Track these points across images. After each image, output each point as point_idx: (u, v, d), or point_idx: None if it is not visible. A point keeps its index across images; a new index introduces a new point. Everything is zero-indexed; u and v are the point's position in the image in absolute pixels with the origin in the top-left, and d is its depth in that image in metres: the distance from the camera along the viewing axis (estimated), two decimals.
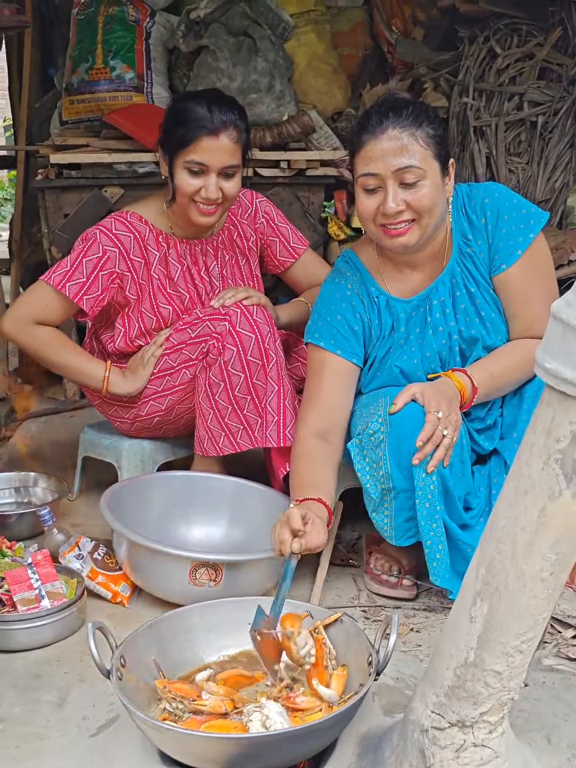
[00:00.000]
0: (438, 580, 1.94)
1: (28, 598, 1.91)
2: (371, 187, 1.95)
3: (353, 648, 1.63)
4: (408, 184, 1.91)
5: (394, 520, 1.99)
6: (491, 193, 2.06)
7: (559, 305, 1.07)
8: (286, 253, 2.59)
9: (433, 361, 2.10)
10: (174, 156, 2.27)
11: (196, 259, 2.45)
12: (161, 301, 2.40)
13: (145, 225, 2.39)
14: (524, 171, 3.64)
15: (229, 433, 2.27)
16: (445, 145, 1.98)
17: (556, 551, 1.16)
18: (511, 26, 3.71)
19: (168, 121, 2.31)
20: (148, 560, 1.99)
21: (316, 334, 2.13)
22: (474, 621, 1.26)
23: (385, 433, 1.94)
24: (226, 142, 2.24)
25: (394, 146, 1.90)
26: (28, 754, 1.56)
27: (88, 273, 2.30)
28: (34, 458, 3.04)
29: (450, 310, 2.09)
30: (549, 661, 1.84)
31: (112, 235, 2.33)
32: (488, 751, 1.34)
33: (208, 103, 2.23)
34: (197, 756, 1.44)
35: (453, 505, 1.97)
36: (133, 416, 2.45)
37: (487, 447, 2.11)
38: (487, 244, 2.05)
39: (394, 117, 1.91)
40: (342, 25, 4.05)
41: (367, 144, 1.93)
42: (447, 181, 2.00)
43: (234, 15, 3.44)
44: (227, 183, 2.28)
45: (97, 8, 3.56)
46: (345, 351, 2.11)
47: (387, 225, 1.96)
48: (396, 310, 2.12)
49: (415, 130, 1.91)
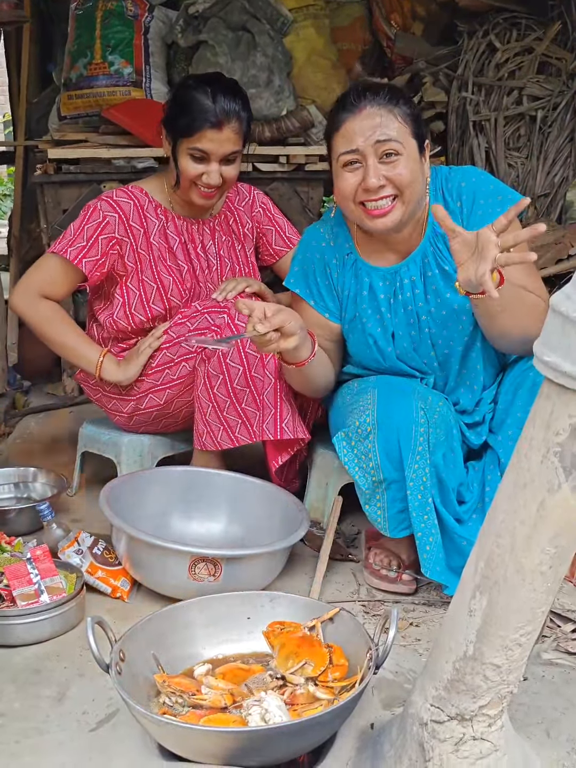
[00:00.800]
0: (428, 572, 1.95)
1: (27, 593, 1.91)
2: (351, 162, 1.95)
3: (353, 642, 1.63)
4: (388, 157, 1.93)
5: (387, 512, 1.99)
6: (468, 177, 2.07)
7: (559, 298, 1.07)
8: (282, 242, 2.62)
9: (404, 340, 2.10)
10: (178, 141, 2.31)
11: (192, 236, 2.48)
12: (162, 270, 2.42)
13: (145, 196, 2.44)
14: (523, 165, 3.63)
15: (228, 427, 2.27)
16: (420, 125, 2.01)
17: (555, 545, 1.16)
18: (510, 20, 3.71)
19: (173, 105, 2.35)
20: (147, 555, 1.99)
21: (292, 279, 2.20)
22: (473, 614, 1.26)
23: (373, 425, 1.94)
24: (229, 134, 2.28)
25: (373, 122, 1.93)
26: (27, 749, 1.56)
27: (88, 237, 2.35)
28: (33, 454, 3.04)
29: (420, 291, 2.08)
30: (548, 655, 1.84)
31: (113, 201, 2.39)
32: (487, 745, 1.34)
33: (213, 93, 2.26)
34: (197, 750, 1.44)
35: (447, 496, 1.97)
36: (131, 410, 2.45)
37: (475, 441, 2.11)
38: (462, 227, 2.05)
39: (372, 95, 1.95)
40: (341, 19, 4.04)
41: (346, 121, 1.95)
42: (424, 161, 2.01)
43: (233, 10, 3.43)
44: (228, 167, 2.33)
45: (96, 3, 3.56)
46: (318, 305, 2.16)
47: (368, 203, 1.96)
48: (363, 273, 2.13)
49: (392, 107, 1.94)
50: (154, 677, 1.59)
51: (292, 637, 1.66)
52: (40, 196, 3.45)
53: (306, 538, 2.27)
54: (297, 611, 1.75)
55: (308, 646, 1.63)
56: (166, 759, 1.50)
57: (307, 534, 2.16)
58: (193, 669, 1.67)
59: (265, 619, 1.74)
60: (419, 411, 1.95)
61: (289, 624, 1.71)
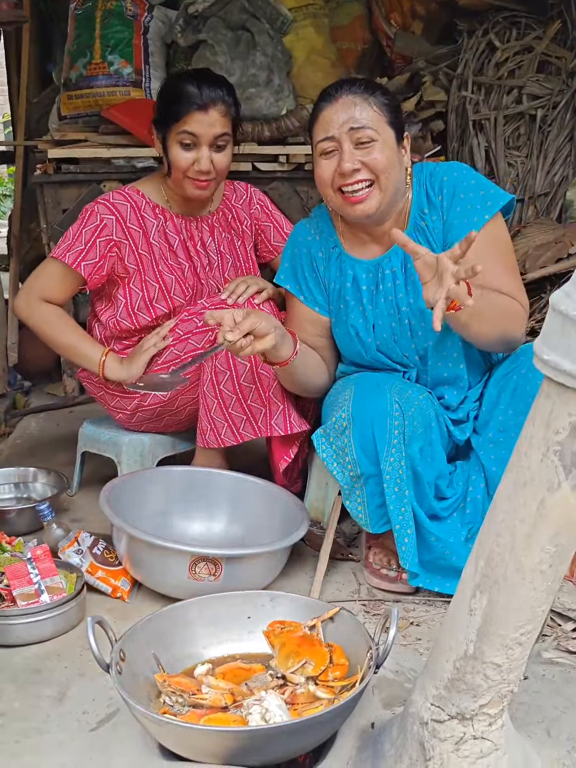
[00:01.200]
0: (407, 564, 1.96)
1: (27, 592, 1.91)
2: (328, 150, 1.99)
3: (353, 642, 1.63)
4: (362, 144, 1.96)
5: (368, 507, 2.00)
6: (450, 172, 2.08)
7: (558, 297, 1.07)
8: (280, 238, 2.62)
9: (385, 331, 2.11)
10: (167, 132, 2.34)
11: (191, 234, 2.49)
12: (163, 269, 2.43)
13: (142, 197, 2.45)
14: (523, 164, 3.63)
15: (232, 424, 2.27)
16: (398, 117, 2.03)
17: (556, 543, 1.16)
18: (510, 19, 3.70)
19: (160, 100, 2.40)
20: (147, 555, 1.99)
21: (282, 275, 2.23)
22: (473, 613, 1.26)
23: (348, 420, 1.96)
24: (216, 116, 2.32)
25: (348, 110, 1.97)
26: (27, 749, 1.56)
27: (86, 240, 2.37)
28: (33, 454, 3.04)
29: (401, 282, 2.09)
30: (549, 654, 1.84)
31: (110, 204, 2.41)
32: (488, 744, 1.34)
33: (197, 80, 2.32)
34: (197, 749, 1.44)
35: (422, 490, 1.98)
36: (134, 407, 2.45)
37: (459, 437, 2.12)
38: (441, 222, 2.06)
39: (348, 86, 2.00)
40: (341, 19, 4.03)
41: (323, 110, 2.01)
42: (403, 153, 2.03)
43: (232, 9, 3.43)
44: (218, 155, 2.35)
45: (95, 3, 3.56)
46: (308, 299, 2.19)
47: (345, 188, 1.98)
48: (347, 266, 2.14)
49: (368, 95, 1.99)
50: (155, 677, 1.59)
51: (293, 637, 1.66)
52: (40, 196, 3.45)
53: (306, 538, 2.26)
54: (297, 611, 1.75)
55: (308, 645, 1.63)
56: (167, 759, 1.50)
57: (308, 533, 2.16)
58: (194, 668, 1.67)
59: (266, 618, 1.74)
60: (393, 404, 1.95)
61: (289, 623, 1.71)
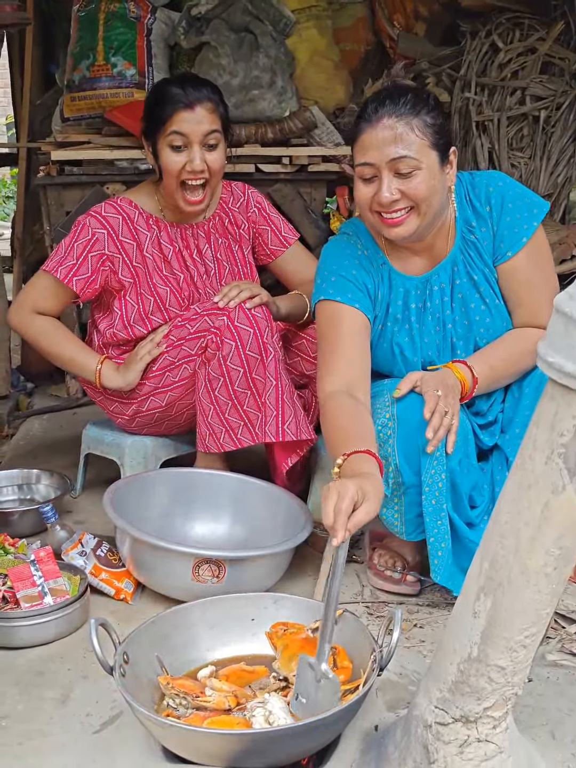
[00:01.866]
0: (438, 577, 1.93)
1: (31, 595, 1.91)
2: (368, 176, 1.93)
3: (357, 644, 1.62)
4: (403, 174, 1.89)
5: (405, 516, 1.98)
6: (495, 182, 2.05)
7: (563, 299, 1.07)
8: (278, 241, 2.60)
9: (430, 349, 2.08)
10: (156, 137, 2.32)
11: (187, 242, 2.47)
12: (158, 282, 2.42)
13: (134, 209, 2.43)
14: (527, 166, 3.62)
15: (230, 429, 2.26)
16: (444, 134, 1.94)
17: (560, 546, 1.16)
18: (513, 20, 3.69)
19: (146, 109, 2.38)
20: (150, 557, 1.99)
21: (330, 290, 2.04)
22: (477, 616, 1.26)
23: (393, 429, 1.93)
24: (203, 113, 2.30)
25: (389, 135, 1.87)
26: (30, 751, 1.56)
27: (78, 255, 2.36)
28: (36, 455, 3.04)
29: (447, 298, 2.07)
30: (553, 657, 1.84)
31: (101, 217, 2.39)
32: (492, 747, 1.33)
33: (181, 82, 2.32)
34: (200, 752, 1.44)
35: (460, 501, 1.97)
36: (133, 412, 2.45)
37: (488, 443, 2.10)
38: (491, 232, 2.04)
39: (391, 105, 1.89)
40: (343, 20, 4.03)
41: (363, 133, 1.92)
42: (448, 170, 1.96)
43: (235, 11, 3.43)
44: (211, 155, 2.32)
45: (98, 5, 3.55)
46: (362, 305, 2.03)
47: (383, 213, 1.94)
48: (397, 283, 2.09)
49: (411, 118, 1.88)
50: (158, 679, 1.59)
51: (296, 639, 1.66)
52: (43, 198, 3.45)
53: (309, 540, 2.26)
54: (301, 613, 1.75)
55: (312, 647, 1.63)
56: (170, 761, 1.50)
57: (311, 535, 2.15)
58: (197, 671, 1.66)
59: (269, 620, 1.74)
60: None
61: (292, 625, 1.71)
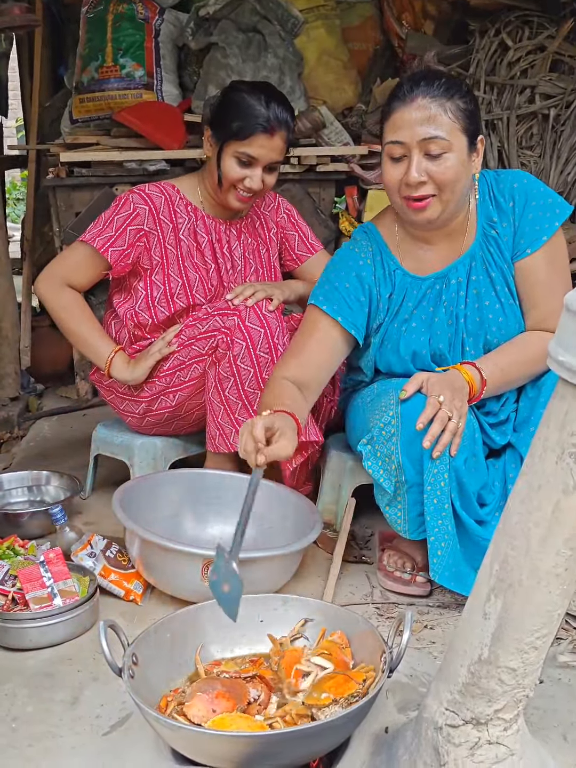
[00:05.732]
0: (437, 576, 1.93)
1: (40, 596, 1.91)
2: (397, 156, 1.94)
3: (366, 645, 1.62)
4: (433, 155, 1.90)
5: (408, 514, 1.98)
6: (520, 179, 2.06)
7: (573, 297, 1.06)
8: (304, 247, 2.62)
9: (441, 341, 2.08)
10: (225, 143, 2.31)
11: (220, 236, 2.49)
12: (189, 266, 2.43)
13: (177, 193, 2.46)
14: (536, 164, 3.61)
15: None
16: (474, 121, 1.95)
17: (571, 546, 1.15)
18: (522, 18, 3.68)
19: (223, 108, 2.34)
20: (160, 558, 1.99)
21: (321, 297, 2.11)
22: (488, 617, 1.25)
23: (396, 427, 1.93)
24: (279, 142, 2.31)
25: (422, 115, 1.89)
26: (40, 753, 1.56)
27: (117, 227, 2.37)
28: (46, 457, 3.05)
29: (463, 293, 2.07)
30: (564, 658, 1.82)
31: (145, 194, 2.41)
32: (503, 749, 1.33)
33: (266, 99, 2.29)
34: (210, 754, 1.44)
35: (468, 500, 1.96)
36: (143, 411, 2.45)
37: (499, 442, 2.09)
38: (512, 228, 2.04)
39: (425, 86, 1.90)
40: (352, 19, 4.03)
41: (396, 111, 1.93)
42: (474, 158, 1.97)
43: (243, 11, 3.43)
44: (269, 176, 2.37)
45: (107, 6, 3.56)
46: (346, 320, 2.09)
47: (410, 197, 1.95)
48: (410, 287, 2.10)
49: (445, 101, 1.89)
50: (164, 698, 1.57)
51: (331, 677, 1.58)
52: (52, 200, 3.46)
53: (319, 540, 2.26)
54: (310, 614, 1.74)
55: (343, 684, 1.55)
56: (179, 763, 1.49)
57: (320, 536, 2.15)
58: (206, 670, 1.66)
59: (278, 621, 1.74)
60: None
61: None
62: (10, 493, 2.64)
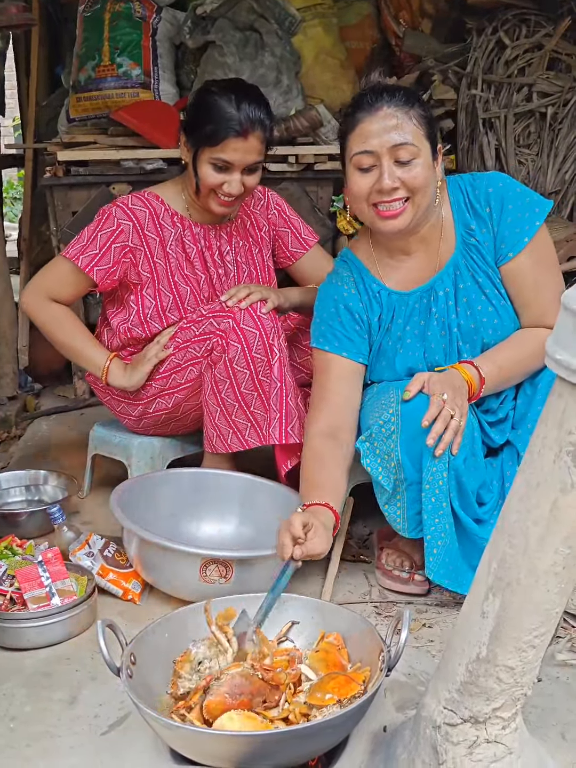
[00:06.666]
0: (432, 574, 1.94)
1: (38, 596, 1.91)
2: (366, 166, 1.95)
3: (365, 644, 1.62)
4: (402, 162, 1.92)
5: (407, 512, 1.98)
6: (495, 182, 2.05)
7: (571, 295, 1.06)
8: (298, 244, 2.60)
9: (437, 353, 2.08)
10: (199, 149, 2.27)
11: (210, 243, 2.46)
12: (179, 280, 2.40)
13: (161, 204, 2.41)
14: (534, 162, 3.61)
15: (237, 431, 2.26)
16: (434, 128, 1.99)
17: (569, 545, 1.15)
18: (519, 17, 3.67)
19: (195, 111, 2.31)
20: (158, 557, 1.98)
21: (321, 338, 2.13)
22: (486, 616, 1.25)
23: (396, 425, 1.93)
24: (254, 142, 2.26)
25: (390, 123, 1.92)
26: (39, 753, 1.56)
27: (101, 245, 2.34)
28: (44, 456, 3.04)
29: (452, 302, 2.07)
30: (563, 656, 1.82)
31: (128, 209, 2.37)
32: (501, 747, 1.33)
33: (237, 100, 2.23)
34: (208, 754, 1.43)
35: (467, 499, 1.96)
36: (140, 413, 2.45)
37: (498, 441, 2.09)
38: (491, 234, 2.04)
39: (389, 96, 1.94)
40: (349, 18, 4.02)
41: (362, 122, 1.94)
42: (436, 165, 2.00)
43: (240, 10, 3.42)
44: (250, 177, 2.32)
45: (104, 5, 3.56)
46: (350, 352, 2.10)
47: (380, 204, 1.95)
48: (397, 305, 2.10)
49: (408, 109, 1.93)
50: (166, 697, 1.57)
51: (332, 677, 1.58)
52: (49, 199, 3.46)
53: None
54: (308, 613, 1.74)
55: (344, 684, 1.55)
56: (178, 763, 1.49)
57: None
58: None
59: (276, 620, 1.73)
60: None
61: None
62: (8, 492, 2.64)
